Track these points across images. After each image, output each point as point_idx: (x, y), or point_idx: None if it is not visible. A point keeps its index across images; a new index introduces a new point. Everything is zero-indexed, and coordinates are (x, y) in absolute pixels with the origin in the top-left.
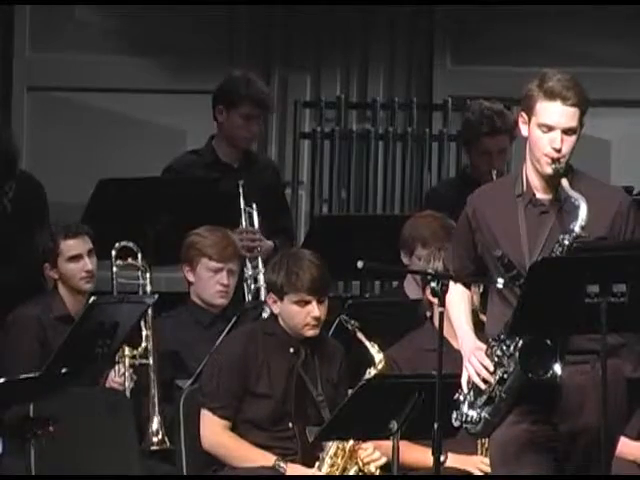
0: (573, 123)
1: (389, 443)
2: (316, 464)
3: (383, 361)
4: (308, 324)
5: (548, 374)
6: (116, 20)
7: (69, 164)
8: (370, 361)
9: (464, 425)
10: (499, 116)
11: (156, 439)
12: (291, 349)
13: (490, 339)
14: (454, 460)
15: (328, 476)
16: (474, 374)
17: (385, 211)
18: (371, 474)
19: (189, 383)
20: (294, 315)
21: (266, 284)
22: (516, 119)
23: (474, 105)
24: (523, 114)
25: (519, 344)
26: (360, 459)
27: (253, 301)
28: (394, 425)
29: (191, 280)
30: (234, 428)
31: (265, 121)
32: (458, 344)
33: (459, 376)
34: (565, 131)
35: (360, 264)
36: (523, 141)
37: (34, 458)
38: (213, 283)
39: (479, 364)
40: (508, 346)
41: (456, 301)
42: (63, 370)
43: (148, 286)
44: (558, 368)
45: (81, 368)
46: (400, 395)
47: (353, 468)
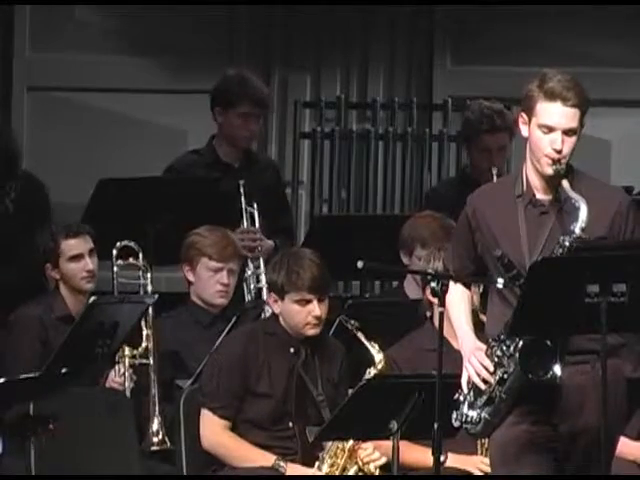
0: (573, 124)
1: (389, 443)
2: (316, 464)
3: (383, 361)
4: (309, 323)
5: (548, 375)
6: (116, 20)
7: (69, 164)
8: (370, 361)
9: (464, 425)
10: (499, 115)
11: (156, 439)
12: (291, 349)
13: (490, 339)
14: (454, 460)
15: (328, 476)
16: (474, 374)
17: (385, 211)
18: (371, 474)
19: (189, 383)
20: (295, 314)
21: (267, 283)
22: (516, 117)
23: (474, 105)
24: (523, 114)
25: (519, 345)
26: (360, 459)
27: (253, 301)
28: (394, 425)
29: (191, 280)
30: (234, 428)
31: (265, 121)
32: (458, 344)
33: (459, 376)
34: (566, 132)
35: (360, 264)
36: (523, 140)
37: (34, 458)
38: (213, 283)
39: (479, 364)
40: (508, 346)
41: (456, 301)
42: (63, 370)
43: (149, 286)
44: (558, 369)
45: (81, 368)
46: (400, 395)
47: (353, 468)
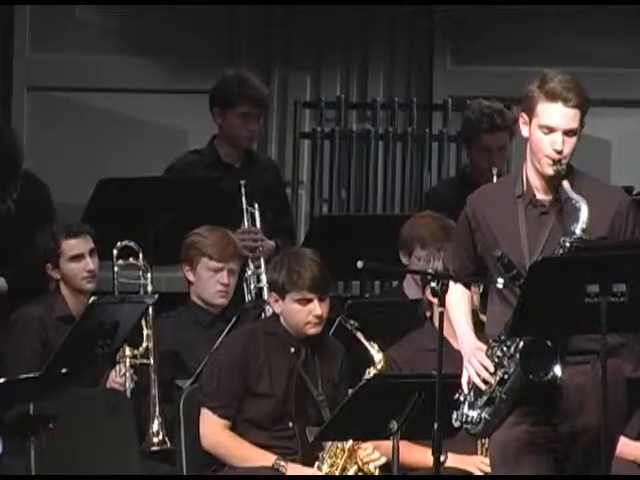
0: (574, 124)
1: (389, 443)
2: (316, 464)
3: (383, 361)
4: (310, 322)
5: (548, 375)
6: (116, 20)
7: (69, 164)
8: (370, 361)
9: (464, 425)
10: (499, 114)
11: (156, 439)
12: (292, 349)
13: (490, 340)
14: (454, 460)
15: (328, 476)
16: (474, 375)
17: (385, 211)
18: (371, 474)
19: (189, 383)
20: (296, 314)
21: (268, 283)
22: (516, 117)
23: (474, 104)
24: (524, 115)
25: (519, 345)
26: (360, 459)
27: (253, 301)
28: (394, 425)
29: (191, 280)
30: (234, 427)
31: (265, 121)
32: (458, 344)
33: (459, 376)
34: (566, 132)
35: (360, 264)
36: (523, 140)
37: (34, 458)
38: (213, 283)
39: (479, 365)
40: (508, 347)
41: (456, 301)
42: (63, 370)
43: (149, 286)
44: (558, 369)
45: (81, 368)
46: (400, 395)
47: (353, 468)
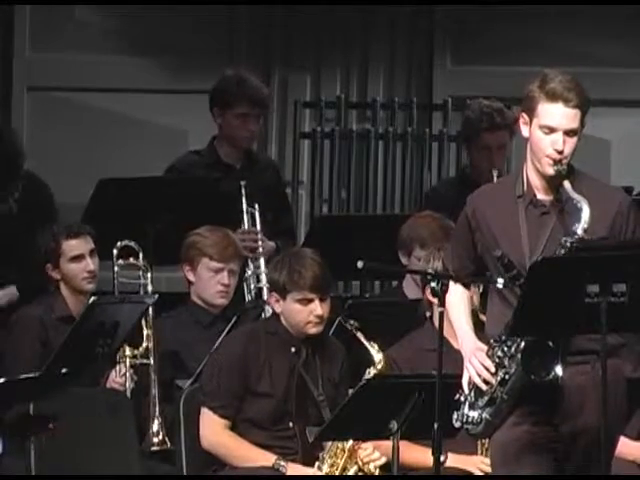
0: (575, 124)
1: (389, 443)
2: (316, 464)
3: (383, 361)
4: (311, 322)
5: (550, 375)
6: (116, 20)
7: (69, 164)
8: (370, 361)
9: (465, 426)
10: (499, 113)
11: (156, 439)
12: (292, 348)
13: (491, 340)
14: (454, 460)
15: (328, 476)
16: (475, 375)
17: (385, 211)
18: (371, 474)
19: (189, 383)
20: (296, 313)
21: (268, 283)
22: (516, 116)
23: (474, 104)
24: (524, 115)
25: (521, 345)
26: (360, 459)
27: (253, 301)
28: (394, 425)
29: (192, 280)
30: (234, 427)
31: (265, 121)
32: (458, 344)
33: (459, 376)
34: (567, 132)
35: (360, 264)
36: (523, 140)
37: (34, 458)
38: (214, 283)
39: (480, 365)
40: (509, 347)
41: (455, 301)
42: (63, 370)
43: (149, 286)
44: (560, 369)
45: (81, 368)
46: (400, 395)
47: (353, 468)
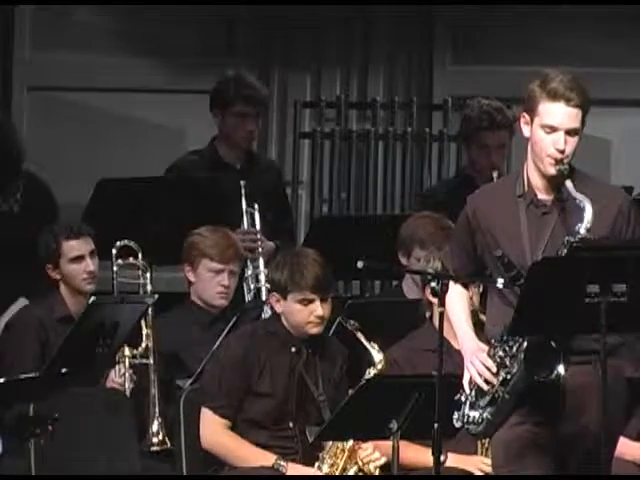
0: (576, 124)
1: (389, 443)
2: (316, 464)
3: (383, 361)
4: (311, 322)
5: (552, 375)
6: (116, 20)
7: (69, 164)
8: (370, 361)
9: (466, 426)
10: (499, 112)
11: (156, 439)
12: (293, 348)
13: (492, 340)
14: (454, 460)
15: (328, 476)
16: (476, 375)
17: (385, 211)
18: (371, 474)
19: (189, 383)
20: (297, 314)
21: (269, 283)
22: (516, 116)
23: (473, 103)
24: (525, 115)
25: (522, 345)
26: (360, 459)
27: (253, 301)
28: (394, 425)
29: (192, 280)
30: (234, 427)
31: (265, 121)
32: (458, 344)
33: (459, 376)
34: (568, 132)
35: (360, 264)
36: (523, 140)
37: (34, 458)
38: (214, 284)
39: (481, 365)
40: (510, 347)
41: (455, 301)
42: (63, 370)
43: (149, 285)
44: (562, 369)
45: (81, 368)
46: (400, 395)
47: (353, 468)
